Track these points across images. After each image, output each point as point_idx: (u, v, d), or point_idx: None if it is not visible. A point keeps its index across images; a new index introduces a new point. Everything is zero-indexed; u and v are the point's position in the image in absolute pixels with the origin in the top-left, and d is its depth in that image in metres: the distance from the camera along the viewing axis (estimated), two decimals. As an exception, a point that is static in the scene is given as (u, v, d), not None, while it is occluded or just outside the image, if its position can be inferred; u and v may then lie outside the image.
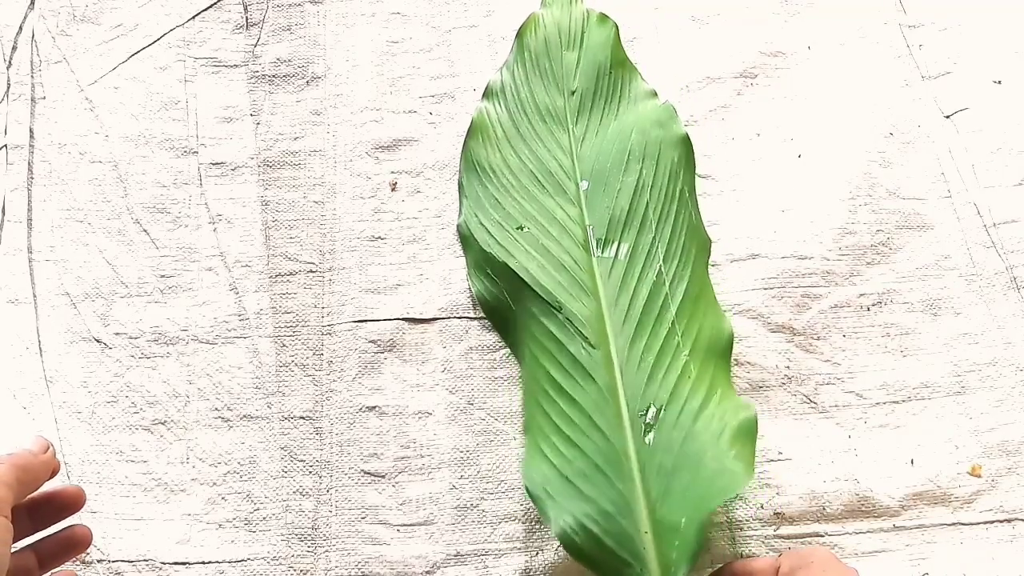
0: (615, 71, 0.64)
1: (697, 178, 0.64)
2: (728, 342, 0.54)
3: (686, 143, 0.61)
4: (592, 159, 0.60)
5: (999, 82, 0.67)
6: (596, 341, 0.53)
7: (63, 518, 0.46)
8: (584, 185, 0.59)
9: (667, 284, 0.55)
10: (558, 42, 0.65)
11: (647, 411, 0.51)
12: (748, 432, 0.50)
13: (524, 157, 0.61)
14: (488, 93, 0.65)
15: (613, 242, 0.57)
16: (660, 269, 0.56)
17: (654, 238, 0.57)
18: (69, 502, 0.46)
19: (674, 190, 0.59)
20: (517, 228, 0.59)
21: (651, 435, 0.50)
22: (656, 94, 0.64)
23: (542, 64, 0.65)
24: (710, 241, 0.58)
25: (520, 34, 0.66)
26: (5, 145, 0.65)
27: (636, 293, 0.55)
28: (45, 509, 0.45)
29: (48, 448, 0.44)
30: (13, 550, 0.41)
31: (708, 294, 0.56)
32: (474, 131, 0.64)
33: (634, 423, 0.50)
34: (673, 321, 0.54)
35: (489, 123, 0.64)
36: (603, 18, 0.66)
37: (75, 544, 0.46)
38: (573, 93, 0.63)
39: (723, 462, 0.48)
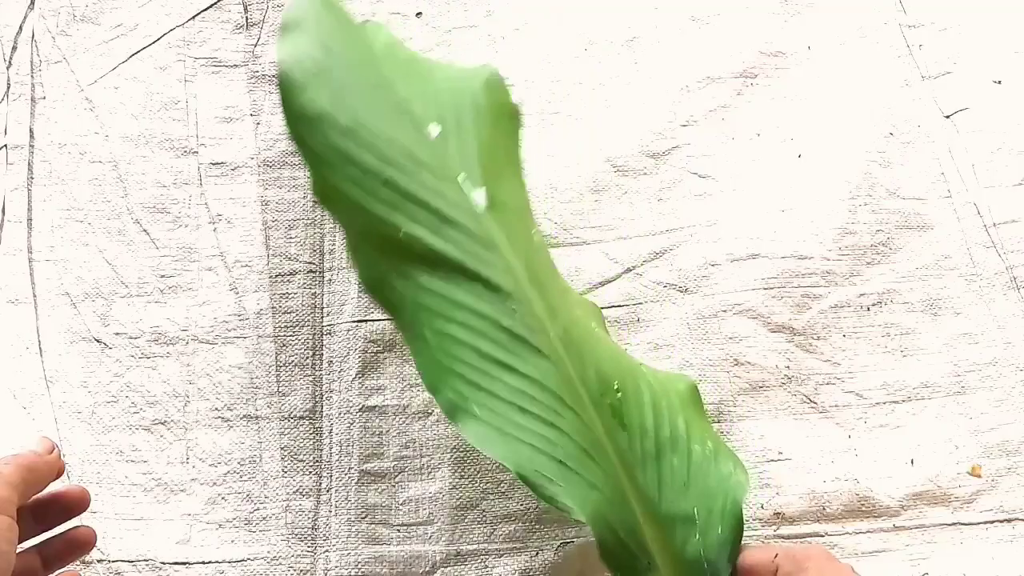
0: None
1: (697, 178, 0.64)
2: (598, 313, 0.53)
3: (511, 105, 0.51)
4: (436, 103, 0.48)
5: (999, 82, 0.67)
6: (519, 303, 0.46)
7: (68, 519, 0.46)
8: (436, 129, 0.47)
9: (538, 236, 0.49)
10: None
11: (609, 388, 0.46)
12: (694, 401, 0.49)
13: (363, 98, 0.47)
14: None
15: (480, 189, 0.47)
16: (527, 221, 0.49)
17: (509, 187, 0.49)
18: (74, 503, 0.46)
19: (505, 144, 0.50)
20: (383, 183, 0.44)
21: (616, 412, 0.46)
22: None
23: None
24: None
25: None
26: (5, 145, 0.65)
27: (527, 248, 0.47)
28: (50, 510, 0.45)
29: (53, 449, 0.44)
30: (18, 551, 0.41)
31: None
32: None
33: (596, 401, 0.45)
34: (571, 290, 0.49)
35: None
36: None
37: (80, 545, 0.46)
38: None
39: (705, 444, 0.46)
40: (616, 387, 0.46)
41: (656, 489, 0.46)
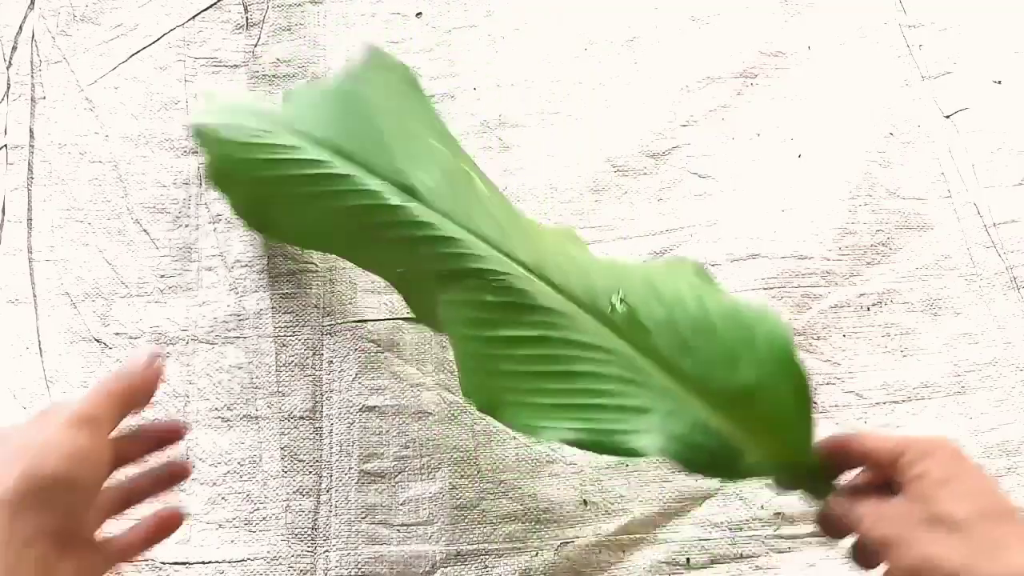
0: None
1: (697, 178, 0.64)
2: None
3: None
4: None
5: (999, 82, 0.67)
6: (497, 269, 0.47)
7: (162, 448, 0.44)
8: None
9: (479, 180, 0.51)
10: None
11: (614, 302, 0.45)
12: (702, 274, 0.47)
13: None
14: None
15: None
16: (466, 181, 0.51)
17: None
18: (169, 434, 0.44)
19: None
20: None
21: (632, 320, 0.45)
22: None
23: None
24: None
25: None
26: (5, 145, 0.65)
27: (476, 209, 0.49)
28: (145, 436, 0.43)
29: (156, 361, 0.41)
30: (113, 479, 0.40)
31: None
32: None
33: (607, 321, 0.45)
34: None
35: None
36: None
37: (178, 474, 0.45)
38: None
39: (729, 312, 0.44)
40: (621, 296, 0.45)
41: (705, 374, 0.43)
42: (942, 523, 0.35)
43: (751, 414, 0.42)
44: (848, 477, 0.42)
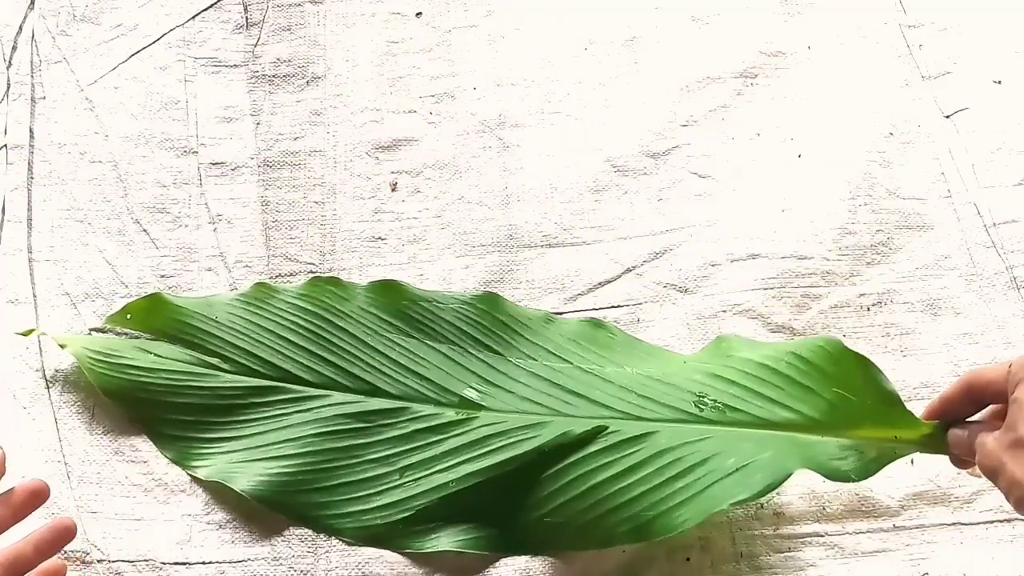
0: None
1: (697, 178, 0.64)
2: None
3: None
4: None
5: (999, 82, 0.67)
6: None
7: (34, 509, 0.46)
8: None
9: None
10: None
11: (702, 405, 0.51)
12: (730, 340, 0.56)
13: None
14: None
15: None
16: None
17: None
18: (34, 494, 0.46)
19: None
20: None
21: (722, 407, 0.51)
22: None
23: None
24: None
25: None
26: (5, 145, 0.65)
27: None
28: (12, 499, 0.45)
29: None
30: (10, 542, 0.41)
31: None
32: None
33: (698, 417, 0.51)
34: None
35: None
36: None
37: (63, 534, 0.46)
38: None
39: (766, 354, 0.52)
40: (701, 395, 0.52)
41: (792, 411, 0.49)
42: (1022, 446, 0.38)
43: (847, 418, 0.48)
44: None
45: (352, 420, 0.53)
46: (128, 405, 0.55)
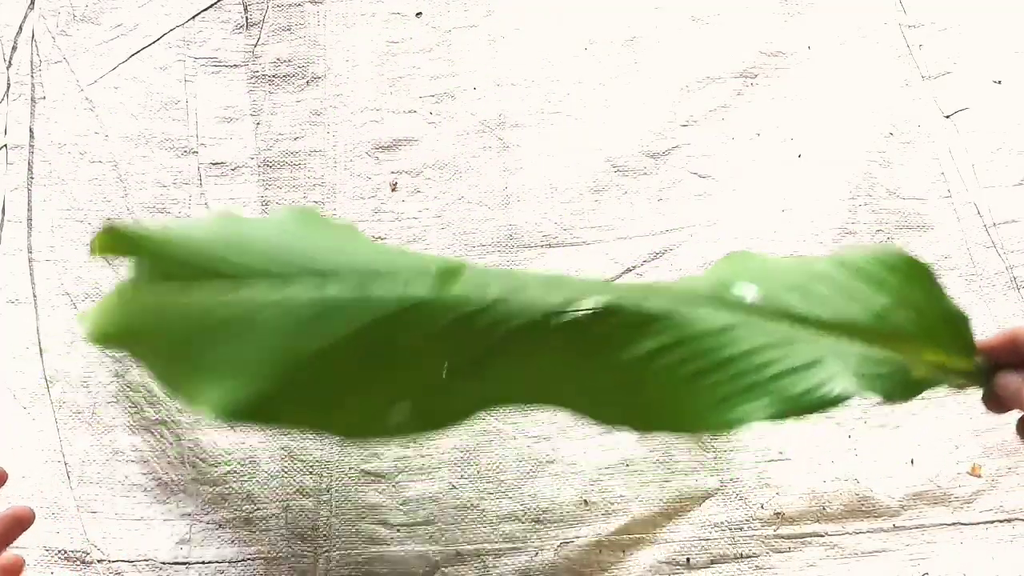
0: None
1: (697, 178, 0.64)
2: None
3: None
4: None
5: (999, 82, 0.67)
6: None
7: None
8: None
9: None
10: None
11: (738, 293, 0.45)
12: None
13: None
14: None
15: None
16: None
17: None
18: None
19: None
20: None
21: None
22: None
23: None
24: None
25: None
26: (5, 145, 0.65)
27: None
28: None
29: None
30: None
31: None
32: None
33: (738, 306, 0.44)
34: None
35: None
36: None
37: (20, 521, 0.45)
38: None
39: (819, 260, 0.45)
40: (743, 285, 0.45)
41: (841, 314, 0.43)
42: None
43: (902, 330, 0.43)
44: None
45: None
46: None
